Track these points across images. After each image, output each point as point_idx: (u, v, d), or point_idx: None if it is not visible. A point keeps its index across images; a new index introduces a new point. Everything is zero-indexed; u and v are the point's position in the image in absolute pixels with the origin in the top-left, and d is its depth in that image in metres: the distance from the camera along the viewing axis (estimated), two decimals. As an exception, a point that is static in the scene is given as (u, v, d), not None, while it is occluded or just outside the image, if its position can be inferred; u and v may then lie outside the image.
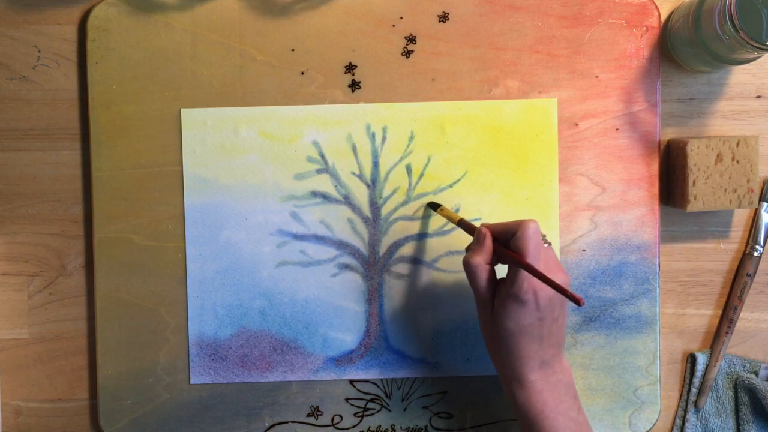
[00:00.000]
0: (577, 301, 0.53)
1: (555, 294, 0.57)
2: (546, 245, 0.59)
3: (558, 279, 0.57)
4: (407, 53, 0.67)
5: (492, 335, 0.60)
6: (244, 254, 0.67)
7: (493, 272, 0.60)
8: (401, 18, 0.67)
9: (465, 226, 0.63)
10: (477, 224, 0.67)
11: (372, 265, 0.68)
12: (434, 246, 0.67)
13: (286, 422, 0.68)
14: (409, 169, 0.67)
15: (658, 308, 0.68)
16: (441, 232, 0.67)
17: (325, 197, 0.67)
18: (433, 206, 0.66)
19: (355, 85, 0.67)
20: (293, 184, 0.67)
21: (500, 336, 0.59)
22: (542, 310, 0.57)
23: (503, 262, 0.60)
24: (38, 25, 0.68)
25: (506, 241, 0.59)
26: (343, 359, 0.68)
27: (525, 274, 0.56)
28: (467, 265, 0.59)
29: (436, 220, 0.67)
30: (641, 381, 0.68)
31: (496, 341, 0.60)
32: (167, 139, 0.67)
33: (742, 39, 0.56)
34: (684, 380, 0.69)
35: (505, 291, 0.58)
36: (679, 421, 0.69)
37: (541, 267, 0.57)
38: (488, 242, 0.59)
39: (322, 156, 0.67)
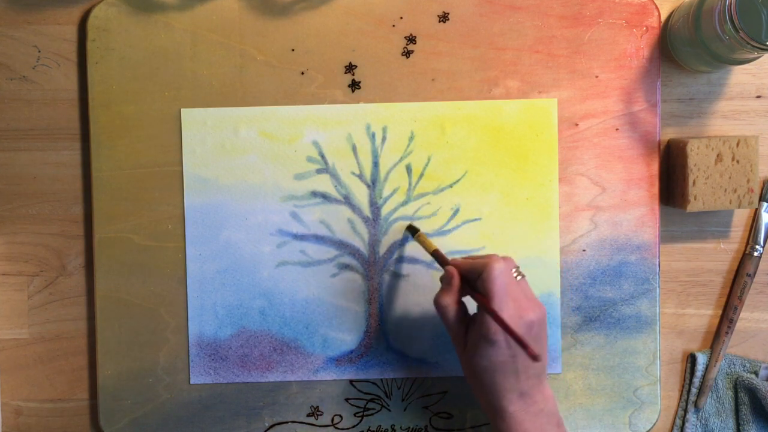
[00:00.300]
0: (533, 357, 0.53)
1: (527, 330, 0.57)
2: (519, 278, 0.59)
3: (529, 316, 0.57)
4: (407, 53, 0.67)
5: (468, 369, 0.60)
6: (244, 254, 0.67)
7: (462, 310, 0.60)
8: (401, 18, 0.67)
9: (438, 257, 0.63)
10: (477, 225, 0.67)
11: (372, 265, 0.68)
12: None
13: (286, 422, 0.68)
14: (409, 169, 0.67)
15: (658, 308, 0.68)
16: (441, 232, 0.67)
17: (325, 197, 0.67)
18: (412, 230, 0.66)
19: (355, 85, 0.67)
20: (293, 184, 0.67)
21: (475, 372, 0.59)
22: (514, 348, 0.57)
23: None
24: (38, 25, 0.68)
25: (474, 279, 0.59)
26: (343, 359, 0.68)
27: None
28: (436, 305, 0.60)
29: (436, 220, 0.67)
30: (641, 381, 0.68)
31: (472, 376, 0.60)
32: (167, 139, 0.67)
33: (742, 39, 0.56)
34: (684, 380, 0.69)
35: (475, 330, 0.58)
36: (679, 421, 0.69)
37: (509, 306, 0.56)
38: (455, 283, 0.60)
39: (322, 156, 0.67)
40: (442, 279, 0.61)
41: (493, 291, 0.56)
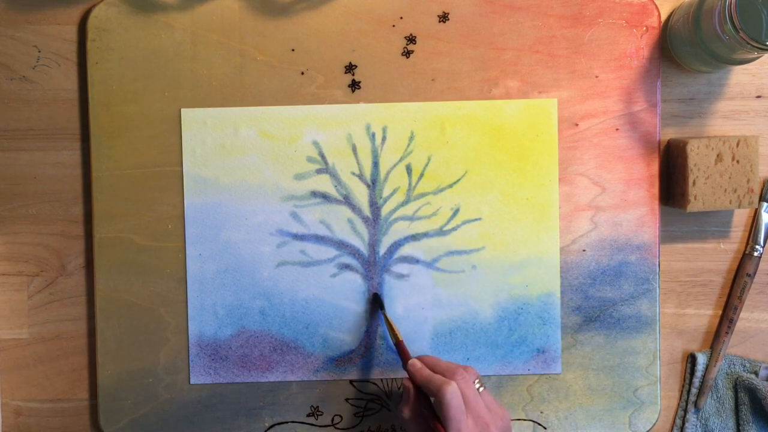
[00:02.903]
0: None
1: None
2: (481, 389, 0.59)
3: (494, 426, 0.57)
4: (407, 53, 0.67)
5: None
6: (244, 254, 0.67)
7: (425, 419, 0.60)
8: (401, 18, 0.67)
9: (400, 351, 0.64)
10: (477, 225, 0.67)
11: (372, 265, 0.68)
12: (434, 246, 0.67)
13: (286, 422, 0.68)
14: (409, 169, 0.67)
15: (658, 308, 0.68)
16: (441, 232, 0.67)
17: (325, 197, 0.67)
18: (378, 302, 0.67)
19: (355, 85, 0.67)
20: (293, 184, 0.67)
21: None
22: None
23: None
24: (38, 25, 0.68)
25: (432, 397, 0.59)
26: (343, 359, 0.68)
27: None
28: (400, 419, 0.60)
29: (436, 220, 0.67)
30: (641, 381, 0.68)
31: None
32: (167, 139, 0.67)
33: (742, 39, 0.56)
34: (684, 380, 0.69)
35: None
36: (679, 421, 0.69)
37: (469, 426, 0.56)
38: (411, 397, 0.60)
39: (322, 156, 0.67)
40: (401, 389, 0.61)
41: (449, 416, 0.56)
